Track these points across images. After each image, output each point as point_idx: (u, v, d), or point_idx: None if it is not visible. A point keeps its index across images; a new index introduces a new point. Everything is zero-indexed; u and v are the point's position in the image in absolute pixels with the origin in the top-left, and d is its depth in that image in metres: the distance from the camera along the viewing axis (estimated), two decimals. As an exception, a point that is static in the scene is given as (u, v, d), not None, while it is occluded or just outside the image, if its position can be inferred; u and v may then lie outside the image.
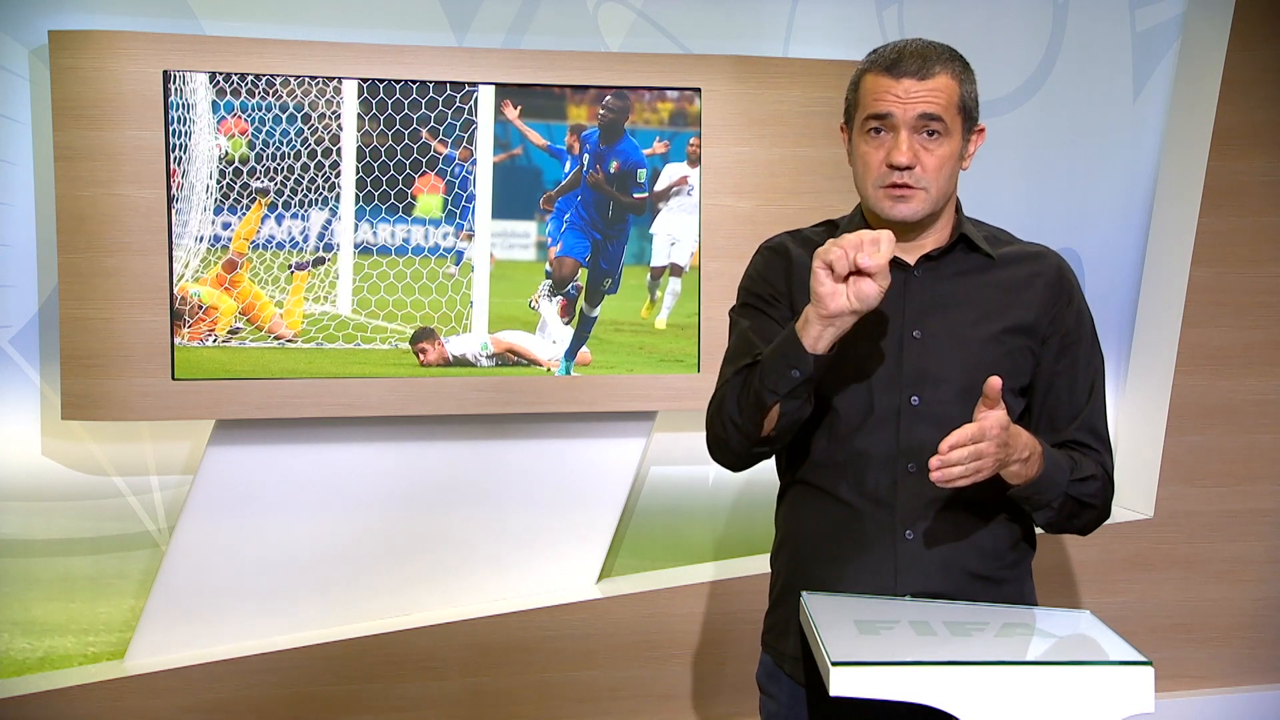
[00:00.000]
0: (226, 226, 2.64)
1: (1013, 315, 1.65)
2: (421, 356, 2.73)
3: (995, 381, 1.47)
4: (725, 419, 1.64)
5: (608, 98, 2.75)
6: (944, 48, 1.61)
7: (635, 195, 2.79)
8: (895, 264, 1.65)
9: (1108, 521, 3.06)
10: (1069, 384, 1.68)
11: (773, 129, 2.80)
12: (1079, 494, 1.61)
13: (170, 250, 2.60)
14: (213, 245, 2.64)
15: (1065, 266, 1.71)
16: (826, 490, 1.68)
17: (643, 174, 2.79)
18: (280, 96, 2.63)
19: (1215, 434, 3.01)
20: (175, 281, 2.62)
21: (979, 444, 1.46)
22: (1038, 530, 1.76)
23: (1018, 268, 1.68)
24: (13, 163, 2.65)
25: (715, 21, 2.90)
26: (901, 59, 1.58)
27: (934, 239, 1.66)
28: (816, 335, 1.51)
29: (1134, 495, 3.09)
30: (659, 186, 2.80)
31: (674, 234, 2.81)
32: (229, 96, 2.61)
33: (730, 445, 1.66)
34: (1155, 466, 3.01)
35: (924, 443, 1.61)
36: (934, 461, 1.46)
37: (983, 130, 1.66)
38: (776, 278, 1.72)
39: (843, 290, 1.48)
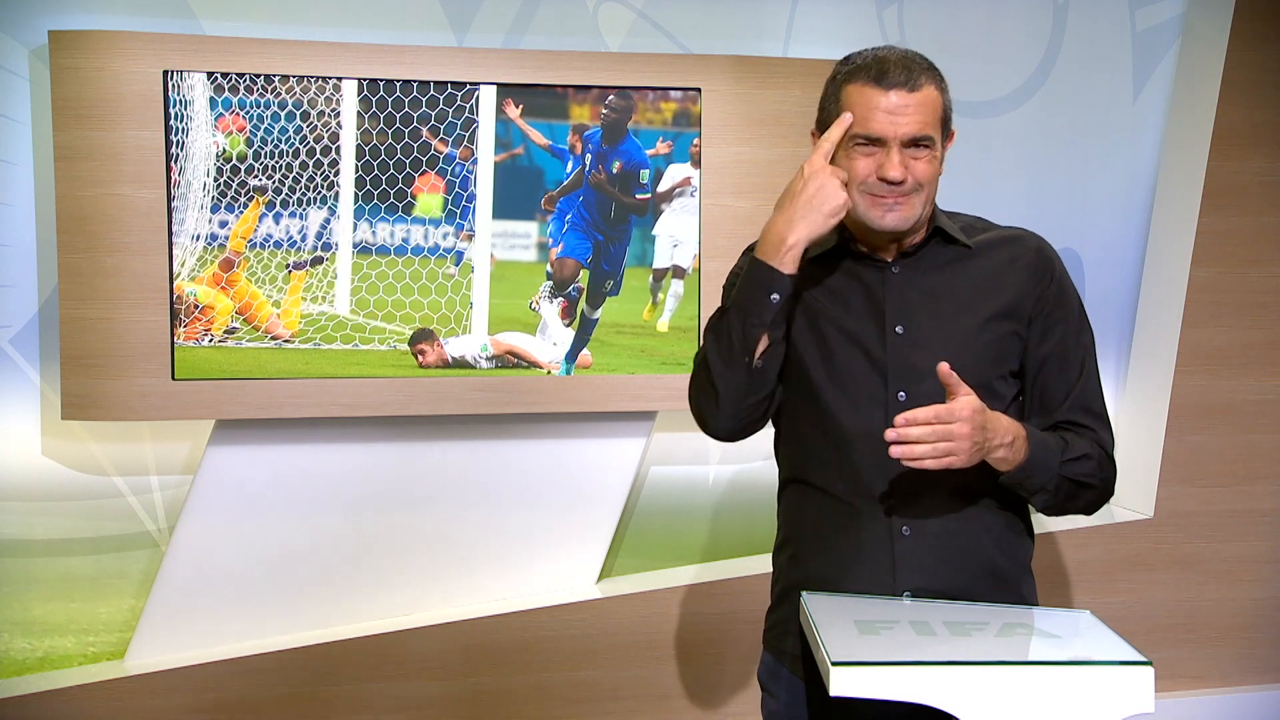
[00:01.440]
0: (224, 225, 2.64)
1: (995, 301, 1.66)
2: (420, 358, 2.73)
3: (944, 366, 1.49)
4: (713, 378, 1.64)
5: (611, 97, 2.75)
6: (922, 57, 1.61)
7: (638, 196, 2.79)
8: (872, 262, 1.67)
9: (1108, 521, 3.08)
10: (1059, 363, 1.68)
11: (773, 129, 2.80)
12: (1074, 475, 1.61)
13: (170, 250, 2.60)
14: (209, 244, 2.63)
15: (1044, 246, 1.71)
16: (822, 488, 1.68)
17: (645, 175, 2.79)
18: (279, 94, 2.63)
19: (1215, 434, 3.01)
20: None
21: (948, 425, 1.46)
22: (1037, 531, 1.76)
23: (995, 253, 1.69)
24: (13, 163, 2.65)
25: (715, 21, 2.90)
26: (887, 69, 1.57)
27: (912, 236, 1.67)
28: (794, 256, 1.58)
29: (1134, 495, 3.09)
30: (662, 187, 2.80)
31: (676, 236, 2.81)
32: (227, 93, 2.61)
33: (723, 404, 1.65)
34: (1155, 466, 3.01)
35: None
36: (889, 434, 1.47)
37: (953, 134, 1.67)
38: None
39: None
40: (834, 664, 1.33)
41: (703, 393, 1.68)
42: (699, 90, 2.76)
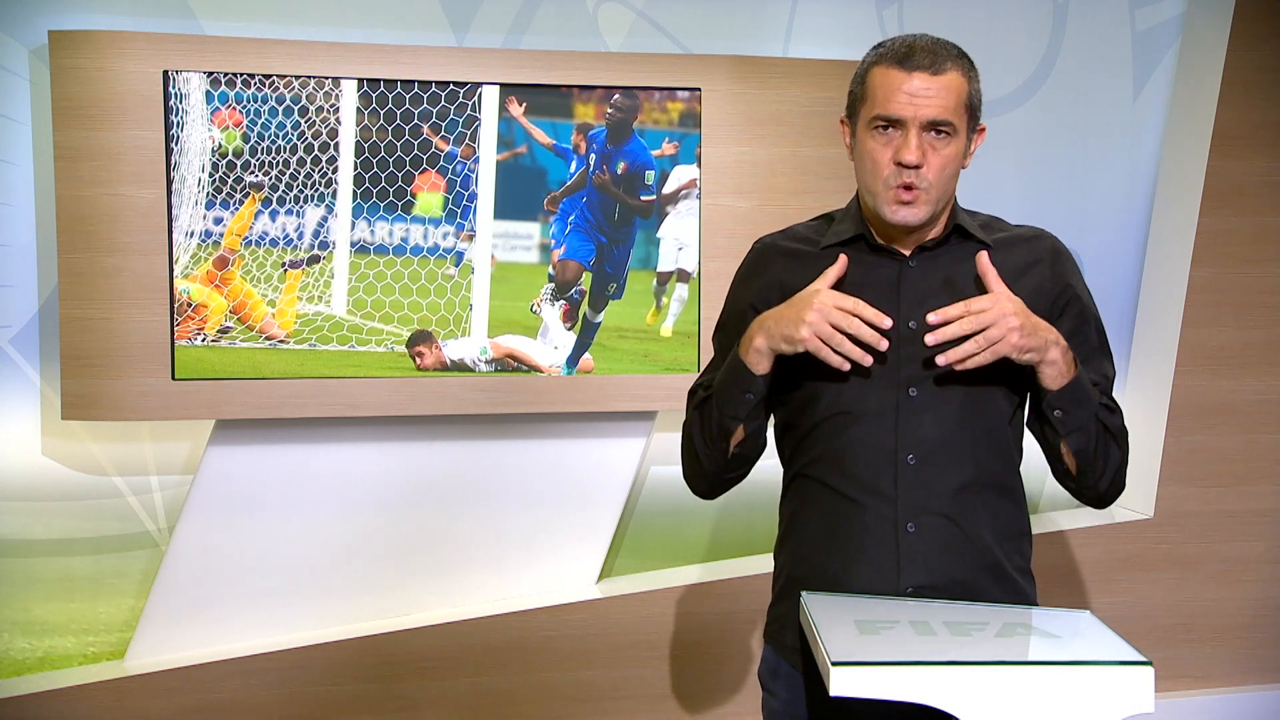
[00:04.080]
0: (218, 221, 2.63)
1: None
2: (418, 360, 2.72)
3: (983, 258, 1.54)
4: (695, 452, 1.71)
5: (616, 96, 2.74)
6: (953, 45, 1.61)
7: (642, 198, 2.78)
8: (890, 255, 1.66)
9: (1108, 521, 3.08)
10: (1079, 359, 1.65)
11: (773, 129, 2.80)
12: (1108, 421, 1.62)
13: (170, 250, 2.60)
14: (204, 241, 2.63)
15: (1060, 246, 1.71)
16: (827, 484, 1.68)
17: (650, 176, 2.78)
18: (277, 89, 2.62)
19: (1215, 434, 3.01)
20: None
21: (984, 311, 1.49)
22: (1038, 530, 1.76)
23: (1013, 252, 1.68)
24: (13, 163, 2.65)
25: (715, 21, 2.90)
26: (913, 53, 1.56)
27: (931, 230, 1.66)
28: (767, 363, 1.58)
29: (1134, 495, 3.09)
30: (667, 189, 2.79)
31: (681, 238, 2.80)
32: (223, 87, 2.60)
33: (704, 474, 1.73)
34: (1155, 466, 3.01)
35: (923, 435, 1.61)
36: (930, 339, 1.51)
37: (983, 129, 1.66)
38: (759, 291, 1.72)
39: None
40: (834, 664, 1.32)
41: (687, 458, 1.75)
42: (699, 90, 2.76)
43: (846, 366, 1.54)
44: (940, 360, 1.51)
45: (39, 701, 2.61)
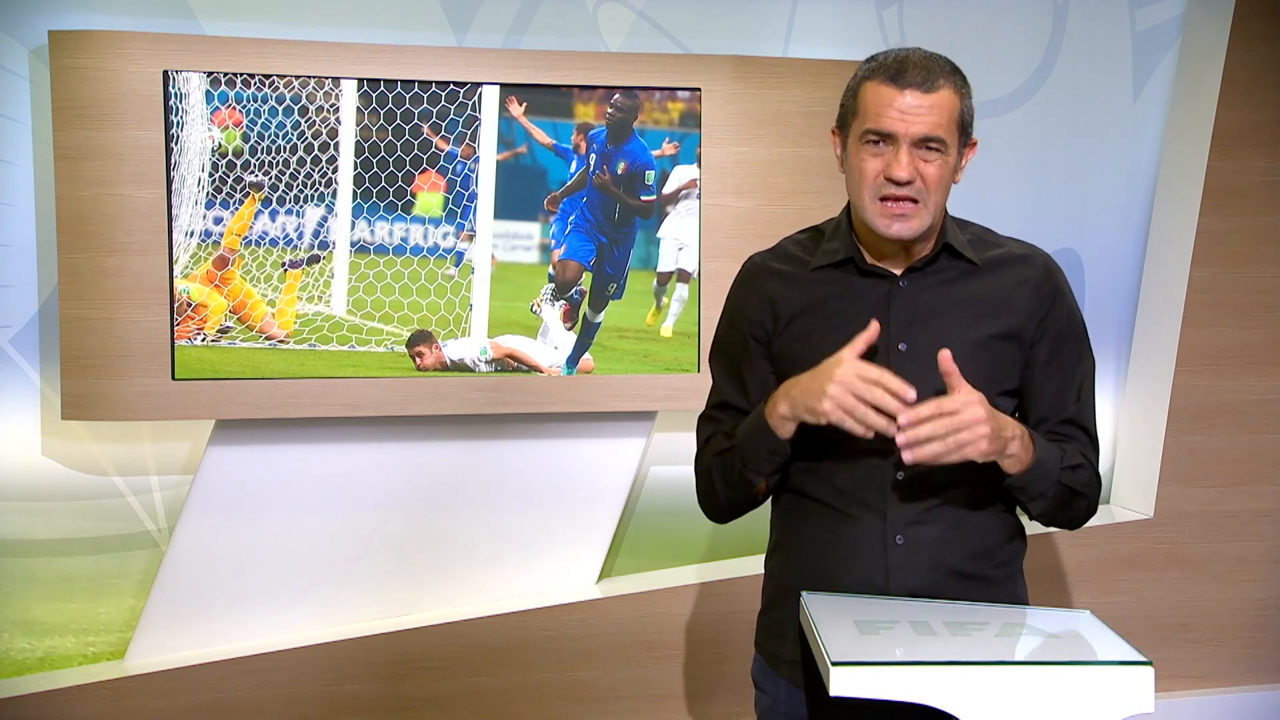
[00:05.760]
0: (218, 221, 2.63)
1: (1000, 322, 1.65)
2: (418, 360, 2.72)
3: (945, 355, 1.51)
4: (717, 492, 1.73)
5: (616, 96, 2.74)
6: (945, 60, 1.60)
7: (643, 198, 2.78)
8: (880, 275, 1.66)
9: (1107, 521, 3.08)
10: (1059, 385, 1.68)
11: (773, 129, 2.80)
12: (1071, 482, 1.62)
13: (170, 250, 2.60)
14: (203, 240, 2.63)
15: (1052, 267, 1.71)
16: (819, 499, 1.69)
17: (651, 176, 2.78)
18: (276, 88, 2.62)
19: (1215, 434, 3.01)
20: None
21: (957, 415, 1.47)
22: (1028, 531, 1.76)
23: (1003, 272, 1.68)
24: (13, 163, 2.65)
25: (715, 21, 2.90)
26: (905, 69, 1.56)
27: (919, 248, 1.66)
28: (792, 428, 1.58)
29: (1134, 495, 3.09)
30: (668, 189, 2.79)
31: (682, 238, 2.79)
32: (223, 87, 2.60)
33: (723, 510, 1.76)
34: (1155, 466, 3.01)
35: None
36: (900, 439, 1.48)
37: (974, 144, 1.65)
38: (751, 308, 1.73)
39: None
40: (834, 664, 1.33)
41: (704, 493, 1.77)
42: (699, 90, 2.76)
43: (870, 434, 1.51)
44: (907, 458, 1.49)
45: (39, 701, 2.61)
